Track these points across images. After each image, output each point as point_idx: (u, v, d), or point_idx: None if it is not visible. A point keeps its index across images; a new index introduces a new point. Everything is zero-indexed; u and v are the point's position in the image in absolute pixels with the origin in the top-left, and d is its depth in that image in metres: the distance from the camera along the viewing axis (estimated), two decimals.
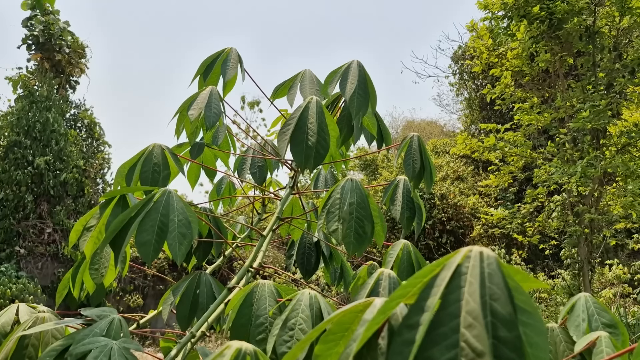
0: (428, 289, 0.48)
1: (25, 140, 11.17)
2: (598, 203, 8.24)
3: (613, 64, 7.92)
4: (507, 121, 9.82)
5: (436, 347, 0.43)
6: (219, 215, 1.61)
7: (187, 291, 1.33)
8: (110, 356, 1.05)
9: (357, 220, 1.08)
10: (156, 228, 0.99)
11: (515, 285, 0.45)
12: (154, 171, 1.19)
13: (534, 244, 10.81)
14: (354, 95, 1.22)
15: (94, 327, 1.15)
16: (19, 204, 10.93)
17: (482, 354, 0.40)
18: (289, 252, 1.67)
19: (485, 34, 9.12)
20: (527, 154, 9.20)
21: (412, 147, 1.36)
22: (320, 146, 1.11)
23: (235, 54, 1.43)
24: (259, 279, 1.12)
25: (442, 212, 12.83)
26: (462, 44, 15.11)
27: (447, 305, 0.45)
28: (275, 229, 1.38)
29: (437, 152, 15.83)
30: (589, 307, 1.01)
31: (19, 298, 9.40)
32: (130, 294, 11.32)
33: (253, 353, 0.62)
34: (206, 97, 1.26)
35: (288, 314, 0.85)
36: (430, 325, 0.45)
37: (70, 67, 12.72)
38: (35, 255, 10.85)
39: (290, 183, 1.45)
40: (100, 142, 13.10)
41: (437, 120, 23.63)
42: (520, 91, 9.16)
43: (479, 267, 0.47)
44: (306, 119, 1.13)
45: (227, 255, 1.55)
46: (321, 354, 0.60)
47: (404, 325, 0.48)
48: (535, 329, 0.43)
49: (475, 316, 0.43)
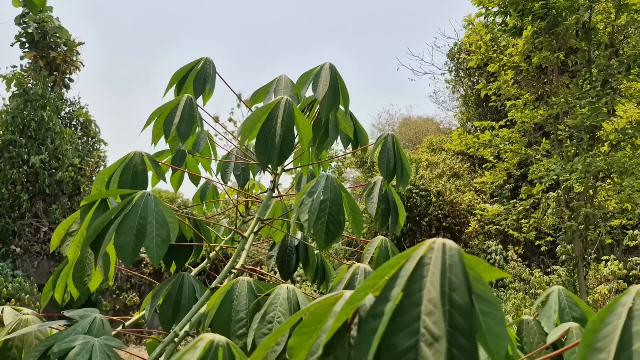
0: (393, 280, 0.49)
1: (20, 138, 11.14)
2: (593, 199, 8.26)
3: (608, 61, 7.93)
4: (502, 118, 9.83)
5: (399, 334, 0.44)
6: (203, 219, 1.61)
7: (171, 292, 1.33)
8: (92, 353, 1.05)
9: (330, 215, 1.08)
10: (134, 230, 0.99)
11: (476, 276, 0.45)
12: (133, 178, 1.19)
13: (529, 240, 10.84)
14: (324, 98, 1.22)
15: (76, 326, 1.15)
16: (15, 202, 10.91)
17: (439, 338, 0.41)
18: (270, 252, 1.68)
19: (482, 29, 9.12)
20: (522, 151, 9.21)
21: (386, 146, 1.37)
22: (285, 146, 1.10)
23: (211, 65, 1.41)
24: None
25: (439, 209, 12.85)
26: (458, 41, 15.11)
27: (410, 294, 0.46)
28: (257, 231, 1.38)
29: (433, 149, 15.85)
30: (562, 301, 1.02)
31: (15, 297, 9.38)
32: (126, 292, 11.32)
33: (225, 345, 0.62)
34: (179, 110, 1.23)
35: (266, 307, 0.85)
36: (394, 313, 0.46)
37: (65, 65, 12.68)
38: (31, 254, 10.84)
39: (270, 186, 1.46)
40: (95, 140, 13.07)
41: (433, 117, 23.68)
42: (515, 87, 9.17)
43: (441, 257, 0.47)
44: (273, 118, 1.13)
45: (211, 258, 1.55)
46: (295, 345, 0.61)
47: (370, 315, 0.48)
48: (495, 317, 0.44)
49: (435, 304, 0.43)
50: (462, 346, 0.39)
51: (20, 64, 12.35)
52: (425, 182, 13.11)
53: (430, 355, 0.40)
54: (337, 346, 0.55)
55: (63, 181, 11.32)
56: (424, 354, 0.41)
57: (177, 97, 1.28)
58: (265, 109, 1.15)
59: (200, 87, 1.37)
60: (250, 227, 1.38)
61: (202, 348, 0.60)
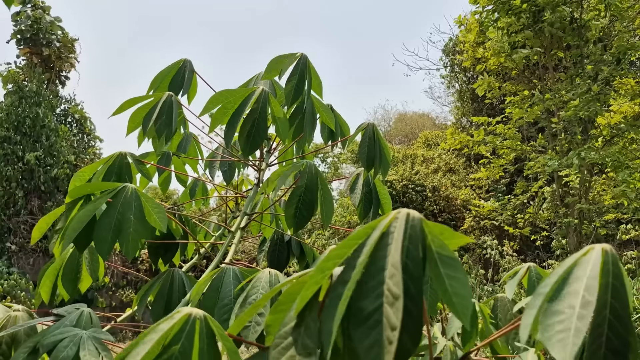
0: (360, 248, 0.51)
1: (15, 135, 11.11)
2: (587, 193, 8.30)
3: (600, 55, 7.97)
4: (498, 113, 9.86)
5: (367, 299, 0.47)
6: (193, 216, 1.62)
7: (161, 289, 1.34)
8: (80, 344, 1.06)
9: (303, 201, 1.11)
10: (113, 225, 1.00)
11: (440, 244, 0.49)
12: (115, 180, 1.19)
13: (525, 235, 10.88)
14: (292, 88, 1.23)
15: (64, 320, 1.16)
16: (10, 200, 10.88)
17: (398, 297, 0.44)
18: (260, 247, 1.69)
19: (474, 27, 9.14)
20: (518, 147, 9.25)
21: (366, 136, 1.38)
22: (258, 135, 1.12)
23: (189, 67, 1.41)
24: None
25: (434, 205, 12.88)
26: (453, 37, 15.11)
27: (377, 261, 0.49)
28: (244, 226, 1.40)
29: (429, 144, 15.87)
30: (532, 278, 1.04)
31: (11, 294, 9.38)
32: (123, 288, 11.31)
33: (203, 318, 0.62)
34: (158, 108, 1.23)
35: (248, 291, 0.87)
36: (360, 279, 0.48)
37: (60, 62, 12.64)
38: (26, 252, 10.83)
39: (256, 181, 1.47)
40: (91, 137, 13.04)
41: (429, 112, 23.69)
42: (510, 84, 9.20)
43: (404, 226, 0.50)
44: (244, 107, 1.14)
45: (202, 254, 1.56)
46: (272, 323, 0.62)
47: (338, 282, 0.50)
48: (459, 281, 0.47)
49: (397, 267, 0.46)
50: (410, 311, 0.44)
51: (15, 61, 12.31)
52: (420, 178, 13.13)
53: (392, 314, 0.43)
54: (309, 318, 0.56)
55: (58, 178, 11.29)
56: (387, 313, 0.44)
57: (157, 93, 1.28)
58: (240, 96, 1.16)
59: (177, 88, 1.37)
60: (237, 221, 1.39)
61: (179, 320, 0.61)
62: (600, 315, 0.46)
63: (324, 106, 1.39)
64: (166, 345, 0.58)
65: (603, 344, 0.45)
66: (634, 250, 10.42)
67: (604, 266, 0.49)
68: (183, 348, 0.58)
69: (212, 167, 1.70)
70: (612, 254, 0.50)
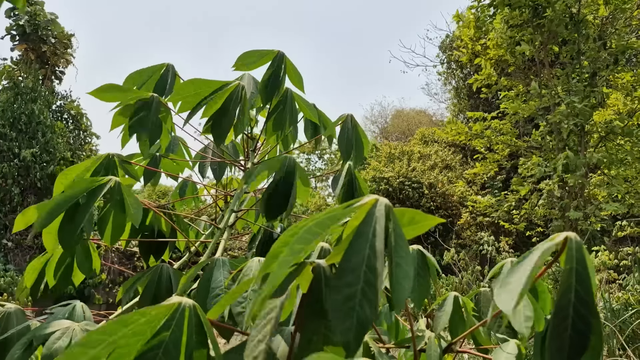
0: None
1: (10, 132, 11.09)
2: (582, 192, 8.33)
3: (598, 53, 7.97)
4: (494, 109, 9.87)
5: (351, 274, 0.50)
6: (185, 215, 1.63)
7: (150, 284, 1.35)
8: (72, 337, 1.07)
9: (277, 192, 1.12)
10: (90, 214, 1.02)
11: (399, 232, 0.53)
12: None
13: (521, 231, 10.91)
14: (266, 82, 1.25)
15: (56, 315, 1.17)
16: (6, 197, 10.88)
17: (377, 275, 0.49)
18: (250, 245, 1.69)
19: (472, 22, 9.14)
20: (513, 143, 9.27)
21: (346, 126, 1.40)
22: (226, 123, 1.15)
23: (172, 71, 1.43)
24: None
25: (431, 201, 12.91)
26: (450, 33, 15.12)
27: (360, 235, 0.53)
28: (232, 223, 1.40)
29: (425, 141, 15.89)
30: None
31: (7, 291, 9.38)
32: (119, 285, 11.32)
33: (192, 307, 0.63)
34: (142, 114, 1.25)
35: (239, 278, 0.88)
36: (344, 256, 0.52)
37: (56, 58, 12.61)
38: (23, 248, 10.83)
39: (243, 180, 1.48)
40: (87, 133, 13.03)
41: (426, 109, 23.74)
42: (506, 79, 9.21)
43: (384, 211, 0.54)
44: (229, 102, 1.16)
45: (192, 252, 1.57)
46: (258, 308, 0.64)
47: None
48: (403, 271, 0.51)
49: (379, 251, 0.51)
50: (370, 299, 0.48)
51: (11, 56, 12.28)
52: (417, 174, 13.16)
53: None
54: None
55: (55, 175, 11.29)
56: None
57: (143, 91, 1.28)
58: (222, 94, 1.17)
59: (161, 91, 1.39)
60: (225, 219, 1.40)
61: (169, 306, 0.61)
62: (565, 297, 0.52)
63: (305, 101, 1.40)
64: (156, 332, 0.59)
65: (569, 326, 0.51)
66: (630, 247, 10.46)
67: (568, 252, 0.54)
68: (173, 335, 0.59)
69: (202, 166, 1.71)
70: (577, 241, 0.55)
